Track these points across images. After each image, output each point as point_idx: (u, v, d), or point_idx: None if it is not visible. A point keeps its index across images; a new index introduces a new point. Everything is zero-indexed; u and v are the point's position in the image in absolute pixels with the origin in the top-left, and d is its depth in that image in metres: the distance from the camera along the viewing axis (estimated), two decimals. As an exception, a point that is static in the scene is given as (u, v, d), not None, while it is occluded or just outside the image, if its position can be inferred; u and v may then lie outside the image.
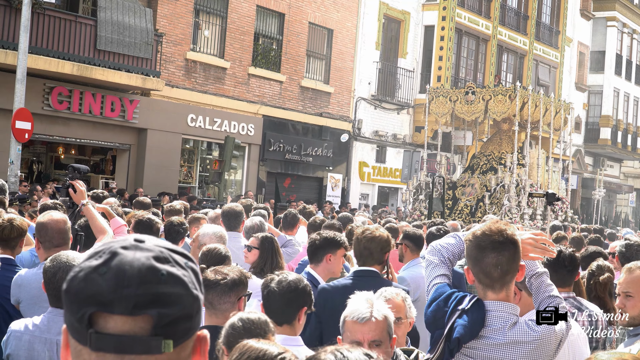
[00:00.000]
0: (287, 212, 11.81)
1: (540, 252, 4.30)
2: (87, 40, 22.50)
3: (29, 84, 19.99)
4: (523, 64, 41.85)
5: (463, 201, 29.81)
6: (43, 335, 4.78)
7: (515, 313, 3.96)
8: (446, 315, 3.95)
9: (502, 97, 29.27)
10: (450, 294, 4.01)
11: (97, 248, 1.67)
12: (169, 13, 25.62)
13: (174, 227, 8.62)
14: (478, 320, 3.87)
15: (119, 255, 1.61)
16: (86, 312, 1.57)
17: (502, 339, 3.88)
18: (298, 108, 30.72)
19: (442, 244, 4.30)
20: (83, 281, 1.60)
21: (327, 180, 32.37)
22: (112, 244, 1.66)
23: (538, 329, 3.92)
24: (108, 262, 1.60)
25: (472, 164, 31.64)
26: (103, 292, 1.57)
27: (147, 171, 25.24)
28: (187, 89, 26.35)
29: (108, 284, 1.57)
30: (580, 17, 49.50)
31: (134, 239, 1.67)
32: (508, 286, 3.95)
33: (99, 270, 1.59)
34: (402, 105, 35.30)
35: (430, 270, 4.22)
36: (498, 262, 3.85)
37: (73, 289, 1.61)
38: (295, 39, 30.37)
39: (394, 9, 34.93)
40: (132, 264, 1.60)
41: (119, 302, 1.57)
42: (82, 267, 1.62)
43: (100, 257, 1.62)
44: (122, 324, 1.58)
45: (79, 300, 1.59)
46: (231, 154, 23.73)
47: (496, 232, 3.87)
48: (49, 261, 4.91)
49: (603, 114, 50.83)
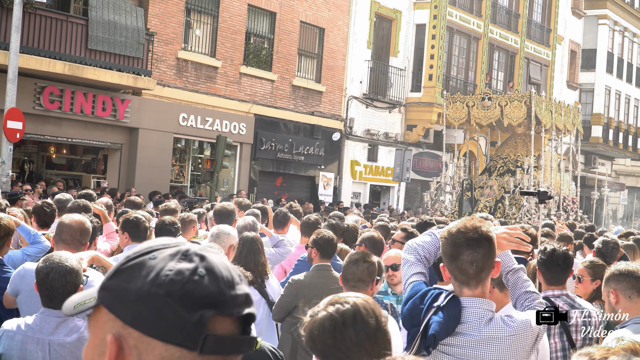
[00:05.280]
0: (277, 211, 11.77)
1: (515, 246, 4.34)
2: (78, 39, 22.49)
3: (20, 84, 19.99)
4: (514, 62, 41.89)
5: (482, 202, 30.89)
6: (35, 335, 4.80)
7: (491, 309, 3.98)
8: (422, 312, 3.96)
9: (517, 102, 30.46)
10: (426, 292, 4.03)
11: (168, 248, 1.65)
12: (160, 12, 25.61)
13: (166, 226, 8.58)
14: (454, 316, 3.89)
15: (206, 257, 1.63)
16: (204, 314, 1.56)
17: (478, 335, 3.90)
18: (290, 107, 30.73)
19: (417, 242, 4.33)
20: (188, 283, 1.57)
21: (319, 179, 32.39)
22: (179, 244, 1.66)
23: (514, 324, 3.95)
24: (201, 264, 1.60)
25: (489, 166, 33.30)
26: (212, 294, 1.58)
27: (138, 170, 25.22)
28: (178, 88, 26.34)
29: (214, 285, 1.58)
30: (572, 15, 49.56)
31: (187, 240, 1.70)
32: (484, 283, 3.97)
33: (198, 272, 1.59)
34: (393, 103, 35.32)
35: (407, 269, 4.24)
36: (473, 259, 3.87)
37: (178, 292, 1.56)
38: (286, 37, 30.38)
39: (386, 8, 34.94)
40: (219, 265, 1.62)
41: (228, 303, 1.59)
42: (171, 268, 1.59)
43: (187, 259, 1.61)
44: (228, 325, 1.60)
45: (189, 304, 1.56)
46: (223, 153, 23.72)
47: (471, 229, 3.90)
48: (42, 261, 4.93)
49: (594, 112, 50.92)
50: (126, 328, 1.58)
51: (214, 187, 23.73)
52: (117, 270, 1.64)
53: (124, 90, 24.54)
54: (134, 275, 1.60)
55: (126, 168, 25.52)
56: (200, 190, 27.85)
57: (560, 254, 6.02)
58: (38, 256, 7.01)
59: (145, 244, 1.69)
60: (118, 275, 1.63)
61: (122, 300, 1.59)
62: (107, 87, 23.89)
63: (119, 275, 1.62)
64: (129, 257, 1.65)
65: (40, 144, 27.18)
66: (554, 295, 5.88)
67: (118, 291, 1.61)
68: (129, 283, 1.59)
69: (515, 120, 30.47)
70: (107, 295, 1.63)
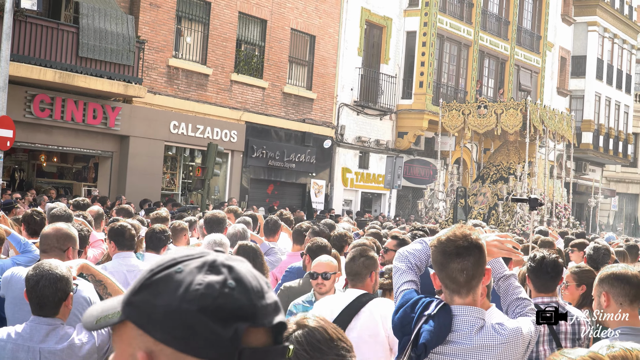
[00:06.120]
0: (268, 219, 11.74)
1: (506, 254, 4.33)
2: (69, 47, 22.46)
3: (10, 92, 19.97)
4: (504, 69, 41.97)
5: (476, 209, 31.15)
6: (26, 343, 4.80)
7: (482, 317, 3.97)
8: (413, 321, 3.96)
9: (513, 110, 30.76)
10: (417, 300, 4.03)
11: (193, 260, 1.62)
12: (151, 20, 25.60)
13: (156, 234, 8.57)
14: (445, 325, 3.88)
15: (234, 267, 1.61)
16: (238, 328, 1.54)
17: (469, 344, 3.90)
18: (281, 114, 30.74)
19: (409, 250, 4.32)
20: (219, 297, 1.55)
21: (310, 187, 32.39)
22: (203, 255, 1.63)
23: (505, 332, 3.94)
24: (229, 275, 1.58)
25: (482, 173, 33.58)
26: (244, 307, 1.56)
27: (129, 178, 25.18)
28: (169, 95, 26.33)
29: (245, 297, 1.56)
30: (562, 22, 49.69)
31: (212, 250, 1.68)
32: (474, 291, 3.97)
33: (227, 284, 1.57)
34: (384, 111, 35.35)
35: (398, 277, 4.24)
36: (463, 267, 3.88)
37: (210, 307, 1.53)
38: (277, 45, 30.39)
39: (376, 15, 35.00)
40: (247, 275, 1.61)
41: (260, 314, 1.58)
42: (200, 282, 1.56)
43: (214, 271, 1.59)
44: (261, 336, 1.59)
45: (223, 318, 1.54)
46: (214, 161, 23.69)
47: (461, 237, 3.90)
48: (32, 269, 4.92)
49: (585, 119, 51.02)
50: (157, 344, 1.56)
51: (205, 195, 23.71)
52: (142, 284, 1.61)
53: (114, 98, 24.51)
54: (160, 290, 1.57)
55: (117, 176, 25.48)
56: (192, 198, 27.82)
57: (549, 262, 6.01)
58: (28, 265, 6.99)
59: (168, 256, 1.65)
60: (144, 290, 1.60)
61: (151, 316, 1.56)
62: (98, 94, 23.87)
63: (145, 290, 1.60)
64: (153, 271, 1.61)
65: (30, 152, 27.11)
66: (543, 302, 5.86)
67: (145, 307, 1.58)
68: (157, 299, 1.57)
69: (511, 127, 30.74)
70: (133, 311, 1.60)
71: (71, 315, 5.09)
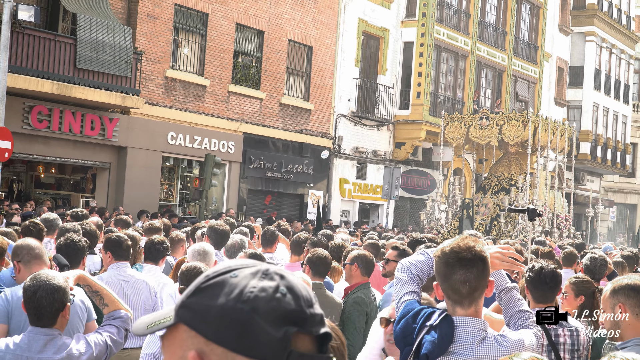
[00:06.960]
0: (265, 230, 11.74)
1: (508, 266, 4.33)
2: (66, 59, 22.47)
3: (8, 103, 19.99)
4: (502, 79, 42.02)
5: (478, 220, 31.24)
6: (24, 354, 4.81)
7: (484, 328, 3.96)
8: (415, 331, 3.95)
9: (515, 122, 31.09)
10: (419, 311, 4.03)
11: (247, 268, 1.69)
12: (149, 31, 25.62)
13: (155, 245, 8.57)
14: (447, 336, 3.87)
15: (286, 276, 1.67)
16: (288, 330, 1.59)
17: (471, 355, 3.89)
18: (278, 125, 30.74)
19: (411, 261, 4.31)
20: (272, 300, 1.61)
21: (307, 197, 32.37)
22: (257, 264, 1.70)
23: (507, 344, 3.93)
24: (282, 282, 1.65)
25: (483, 184, 33.85)
26: (295, 312, 1.62)
27: (127, 189, 25.16)
28: (167, 106, 26.33)
29: (295, 303, 1.63)
30: (559, 32, 49.78)
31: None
32: (477, 302, 3.97)
33: (280, 290, 1.63)
34: (382, 121, 35.37)
35: (400, 288, 4.24)
36: (466, 278, 3.88)
37: (263, 308, 1.60)
38: (274, 56, 30.42)
39: (373, 26, 35.06)
40: (298, 285, 1.67)
41: (310, 321, 1.63)
42: (254, 286, 1.63)
43: (268, 277, 1.65)
44: (308, 343, 1.63)
45: (274, 320, 1.60)
46: (212, 172, 23.69)
47: (464, 248, 3.90)
48: (29, 280, 4.92)
49: (582, 129, 51.02)
50: (209, 344, 1.61)
51: (203, 205, 23.70)
52: (197, 288, 1.68)
53: (112, 109, 24.51)
54: (216, 293, 1.64)
55: (115, 187, 25.46)
56: (190, 209, 27.82)
57: (548, 272, 6.00)
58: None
59: (224, 264, 1.73)
60: (199, 293, 1.66)
61: (205, 316, 1.62)
62: (96, 106, 23.86)
63: (200, 293, 1.66)
64: (209, 276, 1.69)
65: (29, 163, 27.12)
66: (541, 313, 5.86)
67: (200, 308, 1.64)
68: (212, 300, 1.63)
69: (513, 139, 30.94)
70: (187, 313, 1.66)
71: (68, 323, 5.11)
